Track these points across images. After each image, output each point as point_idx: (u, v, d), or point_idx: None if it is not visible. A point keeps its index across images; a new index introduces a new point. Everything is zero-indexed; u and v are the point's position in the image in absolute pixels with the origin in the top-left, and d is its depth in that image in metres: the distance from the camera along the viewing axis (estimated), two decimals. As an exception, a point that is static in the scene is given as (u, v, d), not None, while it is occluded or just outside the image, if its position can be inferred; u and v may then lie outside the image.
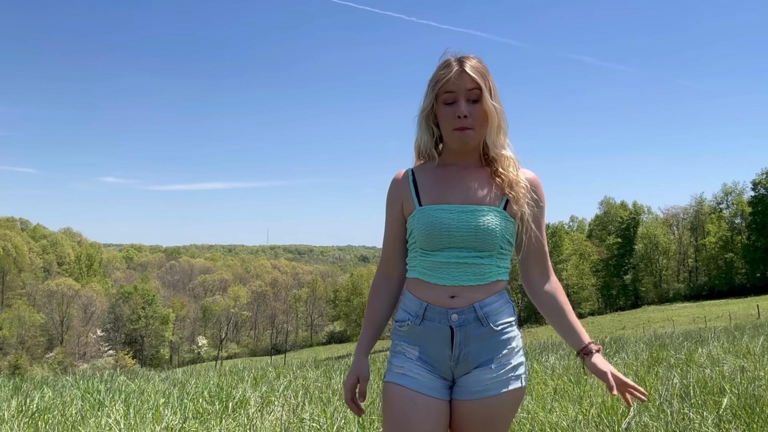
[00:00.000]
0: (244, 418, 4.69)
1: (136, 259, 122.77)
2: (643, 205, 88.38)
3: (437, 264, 2.01)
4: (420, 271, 2.04)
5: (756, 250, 72.53)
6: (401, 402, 1.98)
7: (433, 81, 2.05)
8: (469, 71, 1.99)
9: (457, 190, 2.04)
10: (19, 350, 67.34)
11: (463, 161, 2.09)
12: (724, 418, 3.85)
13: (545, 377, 6.00)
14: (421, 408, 1.97)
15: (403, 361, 2.04)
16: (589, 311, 76.69)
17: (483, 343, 2.00)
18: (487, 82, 2.02)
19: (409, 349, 2.04)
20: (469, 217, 1.99)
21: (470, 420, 2.00)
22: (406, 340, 2.06)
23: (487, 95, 2.00)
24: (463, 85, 1.99)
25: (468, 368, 2.01)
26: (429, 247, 2.01)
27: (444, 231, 1.99)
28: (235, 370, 9.20)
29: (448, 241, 1.99)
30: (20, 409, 4.99)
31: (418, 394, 1.98)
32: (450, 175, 2.08)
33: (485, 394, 1.98)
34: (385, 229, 2.18)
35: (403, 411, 1.97)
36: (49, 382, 8.02)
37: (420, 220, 2.02)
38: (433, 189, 2.06)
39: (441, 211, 2.01)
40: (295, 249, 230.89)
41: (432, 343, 2.01)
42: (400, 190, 2.12)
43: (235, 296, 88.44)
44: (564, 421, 4.06)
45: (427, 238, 2.00)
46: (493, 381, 1.99)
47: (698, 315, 53.91)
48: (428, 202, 2.05)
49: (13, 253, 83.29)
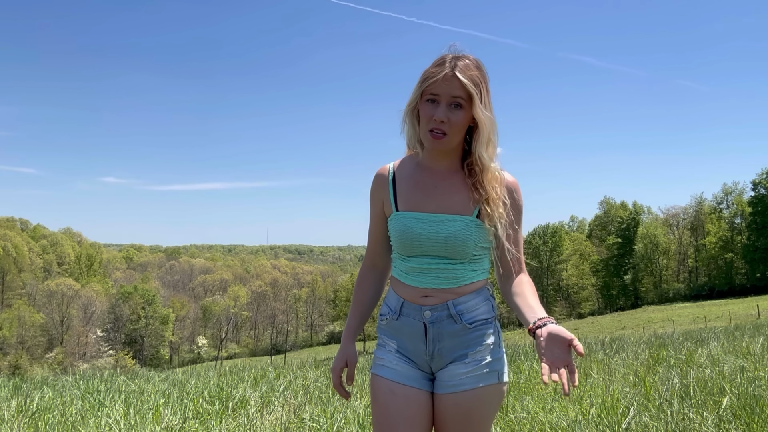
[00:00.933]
0: (244, 418, 4.69)
1: (136, 259, 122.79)
2: (643, 205, 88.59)
3: (411, 268, 2.05)
4: (398, 273, 2.11)
5: (756, 250, 72.56)
6: (381, 393, 2.06)
7: (423, 77, 1.98)
8: (460, 76, 1.91)
9: (432, 198, 2.03)
10: (19, 350, 67.38)
11: (442, 163, 2.06)
12: (724, 418, 3.85)
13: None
14: (400, 397, 2.02)
15: (384, 353, 2.11)
16: (589, 311, 76.77)
17: (457, 340, 2.02)
18: (480, 90, 1.94)
19: (389, 342, 2.11)
20: (439, 228, 2.00)
21: (447, 414, 2.02)
22: (386, 333, 2.12)
23: (477, 104, 1.93)
24: (448, 90, 1.93)
25: (443, 363, 2.04)
26: (404, 253, 2.06)
27: (415, 240, 2.02)
28: (235, 370, 9.20)
29: (419, 249, 2.02)
30: (20, 409, 4.99)
31: (397, 384, 2.04)
32: (427, 180, 2.06)
33: (460, 388, 2.00)
34: (370, 224, 2.21)
35: (385, 402, 2.04)
36: (49, 382, 8.02)
37: (395, 227, 2.06)
38: (409, 195, 2.07)
39: (413, 220, 2.03)
40: (295, 249, 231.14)
41: (407, 337, 2.06)
42: (381, 189, 2.14)
43: (235, 296, 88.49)
44: (564, 421, 4.06)
45: (400, 244, 2.05)
46: (467, 375, 2.01)
47: (698, 315, 53.94)
48: (404, 209, 2.06)
49: (13, 253, 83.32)
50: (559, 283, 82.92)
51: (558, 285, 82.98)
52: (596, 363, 6.74)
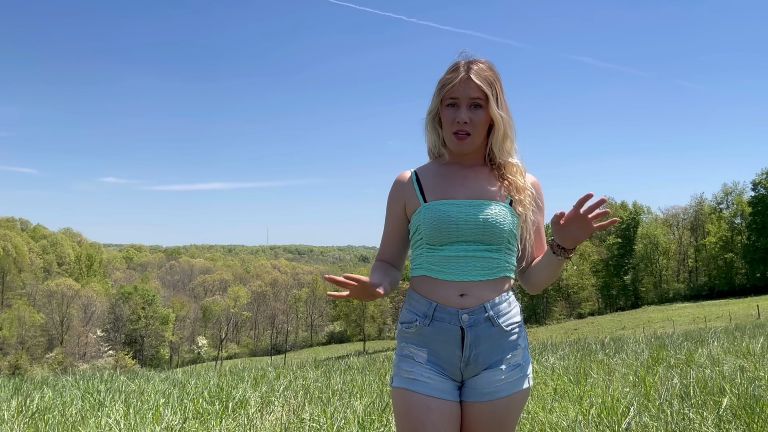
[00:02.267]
0: (244, 419, 4.69)
1: (136, 260, 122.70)
2: (643, 206, 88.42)
3: (445, 259, 1.99)
4: (427, 268, 2.02)
5: (756, 250, 72.49)
6: (416, 408, 1.95)
7: (440, 84, 2.06)
8: (474, 78, 1.99)
9: (463, 187, 2.05)
10: (19, 350, 67.32)
11: (467, 161, 2.11)
12: (724, 418, 3.85)
13: (545, 377, 6.00)
14: (435, 413, 1.95)
15: (412, 366, 2.00)
16: (589, 311, 76.70)
17: (493, 344, 1.99)
18: (494, 89, 2.02)
19: (417, 351, 2.01)
20: (476, 210, 1.99)
21: (481, 422, 1.99)
22: (414, 342, 2.02)
23: (492, 103, 2.00)
24: (466, 93, 2.00)
25: (477, 370, 2.00)
26: (436, 242, 2.00)
27: (452, 224, 1.98)
28: (235, 370, 9.19)
29: (456, 234, 1.98)
30: (20, 409, 4.99)
31: (432, 398, 1.96)
32: (455, 172, 2.09)
33: (496, 395, 1.98)
34: (385, 227, 2.18)
35: (419, 418, 1.95)
36: (49, 383, 8.02)
37: (426, 215, 2.01)
38: (437, 186, 2.07)
39: (448, 206, 2.01)
40: (295, 249, 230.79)
41: (441, 344, 1.99)
42: (404, 190, 2.12)
43: (235, 296, 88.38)
44: (564, 421, 4.06)
45: (434, 232, 1.99)
46: (503, 382, 1.99)
47: (698, 315, 53.86)
48: (433, 198, 2.04)
49: (13, 253, 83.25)
50: (559, 283, 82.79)
51: (558, 285, 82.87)
52: (596, 363, 6.74)
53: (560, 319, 74.93)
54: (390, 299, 76.80)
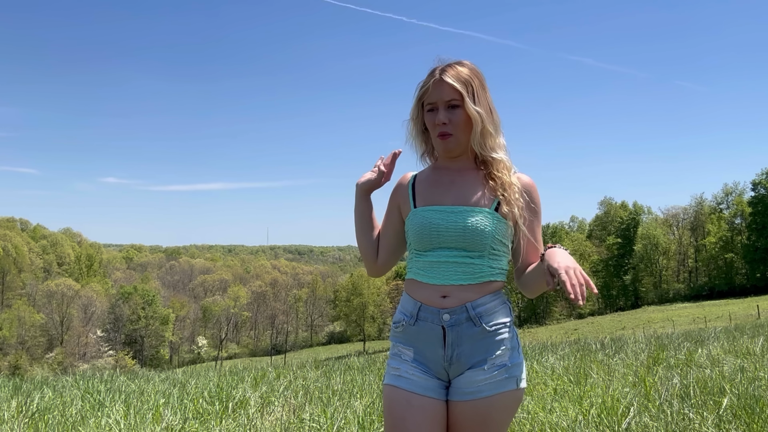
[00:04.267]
0: (244, 419, 4.69)
1: (136, 260, 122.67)
2: (643, 206, 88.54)
3: (429, 264, 2.05)
4: (414, 272, 2.10)
5: (756, 250, 72.52)
6: (397, 404, 2.01)
7: (417, 91, 2.12)
8: (448, 80, 2.03)
9: (450, 193, 2.09)
10: (19, 350, 67.32)
11: (456, 164, 2.14)
12: (724, 418, 3.85)
13: (545, 377, 6.00)
14: (417, 409, 1.98)
15: (399, 363, 2.07)
16: (589, 311, 76.62)
17: (476, 344, 2.00)
18: (470, 87, 2.04)
19: (405, 350, 2.08)
20: (457, 218, 2.03)
21: (464, 422, 2.00)
22: (401, 341, 2.09)
23: (468, 101, 2.02)
24: (441, 96, 2.04)
25: (461, 369, 2.01)
26: (421, 248, 2.07)
27: (433, 231, 2.04)
28: (235, 370, 9.19)
29: (438, 240, 2.03)
30: (20, 410, 4.99)
31: (413, 394, 2.00)
32: (444, 178, 2.13)
33: (478, 395, 1.99)
34: (382, 222, 2.27)
35: (400, 413, 1.99)
36: (49, 383, 8.01)
37: (413, 222, 2.09)
38: (427, 191, 2.13)
39: (432, 212, 2.06)
40: (295, 249, 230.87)
41: (425, 343, 2.04)
42: (401, 194, 2.20)
43: (235, 296, 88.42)
44: (564, 421, 4.06)
45: (418, 238, 2.06)
46: (485, 382, 1.99)
47: (698, 315, 53.90)
48: (422, 204, 2.11)
49: (13, 253, 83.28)
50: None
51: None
52: (596, 363, 6.74)
53: (560, 319, 74.94)
54: (390, 299, 76.85)
